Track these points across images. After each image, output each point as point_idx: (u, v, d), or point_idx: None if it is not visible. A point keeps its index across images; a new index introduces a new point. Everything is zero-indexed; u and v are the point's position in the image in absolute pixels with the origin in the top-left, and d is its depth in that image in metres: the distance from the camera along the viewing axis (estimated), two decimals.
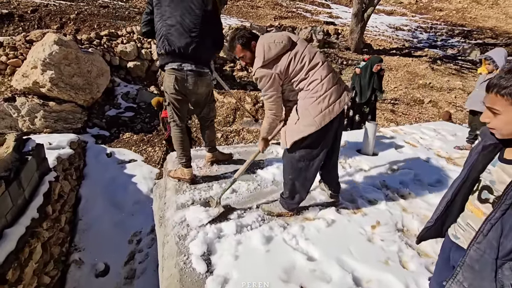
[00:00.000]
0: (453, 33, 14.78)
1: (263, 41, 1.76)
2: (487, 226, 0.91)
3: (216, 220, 2.03)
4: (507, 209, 0.87)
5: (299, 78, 1.78)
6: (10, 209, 2.81)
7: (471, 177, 1.03)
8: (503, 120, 0.86)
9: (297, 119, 1.82)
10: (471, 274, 0.97)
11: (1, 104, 4.96)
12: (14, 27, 8.28)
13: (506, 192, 0.87)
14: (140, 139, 6.00)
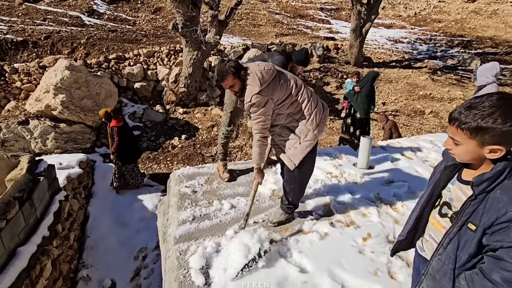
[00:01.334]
0: (452, 43, 14.96)
1: (253, 69, 1.87)
2: (447, 240, 1.02)
3: (214, 235, 2.15)
4: (463, 225, 0.98)
5: (289, 101, 1.93)
6: (22, 228, 2.98)
7: (434, 194, 1.14)
8: (462, 149, 0.97)
9: (297, 139, 1.99)
10: (433, 283, 1.06)
11: (16, 127, 5.24)
12: (28, 53, 8.76)
13: (462, 209, 0.98)
14: (146, 157, 6.19)
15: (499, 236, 0.90)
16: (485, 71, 3.13)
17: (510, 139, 0.89)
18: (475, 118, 0.89)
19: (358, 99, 4.88)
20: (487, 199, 0.93)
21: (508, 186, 0.91)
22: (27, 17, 10.82)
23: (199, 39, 6.36)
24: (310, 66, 10.43)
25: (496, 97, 0.89)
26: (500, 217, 0.89)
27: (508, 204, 0.88)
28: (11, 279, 2.56)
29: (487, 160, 0.95)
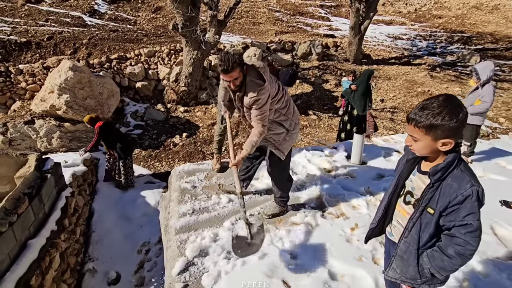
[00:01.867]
0: (452, 39, 14.96)
1: (255, 66, 1.94)
2: (410, 224, 1.17)
3: (212, 226, 2.30)
4: (423, 210, 1.13)
5: (278, 97, 2.07)
6: (32, 222, 3.14)
7: (399, 184, 1.28)
8: (421, 145, 1.11)
9: (285, 131, 2.19)
10: (401, 262, 1.21)
11: (22, 127, 5.41)
12: (32, 54, 8.93)
13: (422, 196, 1.13)
14: (148, 155, 6.36)
15: (452, 217, 1.05)
16: (485, 68, 3.21)
17: (457, 133, 1.04)
18: (428, 117, 1.03)
19: (355, 97, 5.01)
20: (442, 186, 1.08)
21: (457, 174, 1.06)
22: (30, 18, 10.98)
23: (199, 39, 6.48)
24: (309, 64, 10.53)
25: (442, 98, 1.04)
26: (452, 200, 1.04)
27: (458, 189, 1.03)
28: (23, 269, 2.72)
29: (441, 152, 1.10)
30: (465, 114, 1.03)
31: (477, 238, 1.05)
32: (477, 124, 3.37)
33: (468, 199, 1.03)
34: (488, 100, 3.21)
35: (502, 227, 2.30)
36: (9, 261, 2.66)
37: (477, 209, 1.04)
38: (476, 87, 3.33)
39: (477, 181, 1.07)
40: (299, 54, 10.57)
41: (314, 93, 9.16)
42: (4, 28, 9.71)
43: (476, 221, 1.04)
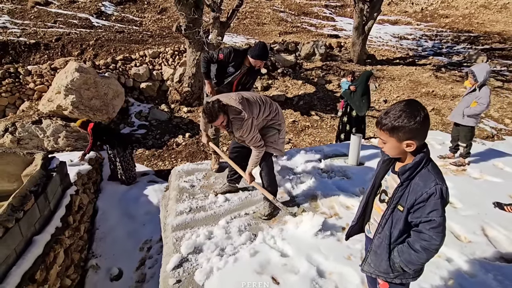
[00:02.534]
0: (459, 39, 14.78)
1: (234, 104, 2.15)
2: (383, 221, 1.23)
3: (208, 224, 2.37)
4: (394, 207, 1.19)
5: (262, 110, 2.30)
6: (38, 219, 3.27)
7: (376, 184, 1.35)
8: (388, 146, 1.19)
9: (277, 132, 2.41)
10: (375, 257, 1.27)
11: (30, 127, 5.58)
12: (40, 55, 9.15)
13: (393, 195, 1.19)
14: (152, 154, 6.48)
15: (418, 213, 1.11)
16: (482, 70, 3.23)
17: (417, 135, 1.11)
18: (390, 120, 1.11)
19: (354, 98, 5.03)
20: (411, 185, 1.14)
21: (424, 173, 1.12)
22: (39, 20, 11.23)
23: (202, 40, 6.58)
24: (312, 64, 10.54)
25: (403, 103, 1.11)
26: (418, 198, 1.10)
27: (423, 187, 1.09)
28: (28, 264, 2.84)
29: (409, 153, 1.15)
30: (423, 117, 1.09)
31: (440, 234, 1.10)
32: (472, 126, 3.38)
33: (432, 197, 1.09)
34: (485, 102, 3.23)
35: (493, 228, 2.32)
36: (15, 256, 2.78)
37: (441, 206, 1.09)
38: (474, 88, 3.35)
39: (442, 180, 1.13)
40: (302, 55, 10.59)
41: (317, 94, 9.18)
42: (14, 30, 9.96)
43: (439, 217, 1.09)
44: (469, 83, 3.46)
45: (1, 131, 5.42)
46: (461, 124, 3.42)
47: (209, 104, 2.10)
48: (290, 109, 8.47)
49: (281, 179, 3.10)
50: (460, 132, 3.48)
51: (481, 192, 2.83)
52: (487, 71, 3.24)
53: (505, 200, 2.66)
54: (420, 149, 1.15)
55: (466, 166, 3.45)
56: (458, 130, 3.53)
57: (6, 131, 5.43)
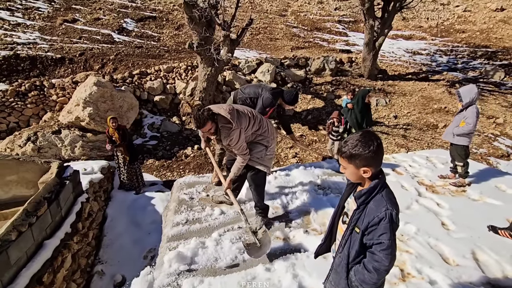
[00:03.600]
0: (475, 55, 14.50)
1: (223, 113, 2.29)
2: (343, 241, 1.31)
3: (201, 236, 2.49)
4: (352, 229, 1.28)
5: (252, 123, 2.44)
6: (49, 224, 3.50)
7: (341, 206, 1.43)
8: (348, 172, 1.29)
9: (264, 148, 2.54)
10: (336, 275, 1.35)
11: (50, 136, 5.98)
12: (65, 69, 9.80)
13: (351, 217, 1.28)
14: (161, 165, 6.72)
15: (370, 235, 1.20)
16: (468, 92, 3.30)
17: (372, 162, 1.21)
18: (348, 148, 1.21)
19: (352, 115, 5.09)
20: (366, 209, 1.22)
21: (378, 198, 1.21)
22: (66, 36, 12.06)
23: (213, 57, 6.88)
24: (322, 79, 10.66)
25: (360, 133, 1.21)
26: (371, 221, 1.19)
27: (376, 211, 1.18)
28: (37, 266, 3.05)
29: (367, 179, 1.24)
30: (376, 147, 1.18)
31: (389, 256, 1.17)
32: (465, 145, 3.42)
33: (382, 221, 1.17)
34: (471, 122, 3.29)
35: (485, 252, 2.30)
36: (26, 258, 3.00)
37: (390, 230, 1.17)
38: (461, 109, 3.42)
39: (394, 205, 1.20)
40: (312, 70, 10.75)
41: (326, 108, 9.25)
42: (43, 46, 10.75)
43: (387, 240, 1.17)
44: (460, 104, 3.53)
45: (24, 140, 5.84)
46: (453, 143, 3.47)
47: (199, 111, 2.25)
48: (298, 123, 8.57)
49: (277, 194, 3.20)
50: (454, 151, 3.52)
51: (478, 215, 2.80)
52: (474, 92, 3.34)
53: (501, 224, 2.61)
54: (377, 175, 1.24)
55: (467, 187, 3.42)
56: (453, 150, 3.55)
57: (28, 140, 5.84)
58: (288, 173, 3.68)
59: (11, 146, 5.80)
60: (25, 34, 11.23)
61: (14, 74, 8.55)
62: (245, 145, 2.38)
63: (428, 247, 2.35)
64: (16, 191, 4.18)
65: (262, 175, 2.61)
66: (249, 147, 2.47)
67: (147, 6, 16.96)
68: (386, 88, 10.52)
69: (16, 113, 6.85)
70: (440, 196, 3.21)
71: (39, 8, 13.73)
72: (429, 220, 2.72)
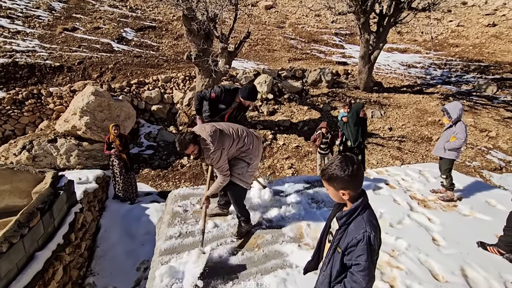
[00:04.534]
0: (468, 68, 14.82)
1: (204, 136, 2.41)
2: (327, 260, 1.35)
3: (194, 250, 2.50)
4: (335, 249, 1.31)
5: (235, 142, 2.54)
6: (41, 235, 3.48)
7: (327, 225, 1.47)
8: (330, 193, 1.35)
9: (246, 165, 2.62)
10: None
11: (45, 145, 5.97)
12: (63, 77, 9.84)
13: (334, 237, 1.32)
14: (157, 175, 6.72)
15: (349, 256, 1.23)
16: (454, 108, 3.42)
17: (349, 185, 1.26)
18: (328, 171, 1.25)
19: (347, 128, 5.17)
20: (348, 229, 1.26)
21: (358, 220, 1.25)
22: (65, 44, 12.16)
23: (210, 68, 6.97)
24: (319, 91, 10.81)
25: (339, 157, 1.26)
26: (350, 242, 1.22)
27: (355, 232, 1.22)
28: (27, 279, 3.01)
29: (347, 201, 1.29)
30: (351, 171, 1.23)
31: (366, 277, 1.21)
32: (452, 159, 3.54)
33: (360, 243, 1.21)
34: (462, 137, 3.42)
35: (473, 269, 2.33)
36: (16, 271, 2.97)
37: (367, 251, 1.20)
38: (450, 125, 3.53)
39: (373, 228, 1.24)
40: (309, 81, 10.91)
41: (322, 120, 9.34)
42: (42, 53, 10.82)
43: (364, 261, 1.20)
44: (446, 119, 3.64)
45: (19, 148, 5.83)
46: (443, 157, 3.56)
47: (182, 135, 2.36)
48: (294, 134, 8.64)
49: (270, 206, 3.22)
50: (441, 165, 3.62)
51: (467, 230, 2.84)
52: (460, 108, 3.47)
53: (490, 240, 2.65)
54: (357, 197, 1.28)
55: (458, 201, 3.47)
56: (441, 164, 3.65)
57: (23, 148, 5.83)
58: (282, 185, 3.71)
59: (6, 154, 5.78)
60: (25, 42, 11.31)
61: (12, 81, 8.57)
62: (226, 166, 2.48)
63: (419, 263, 2.37)
64: (8, 201, 4.16)
65: (241, 189, 2.68)
66: (231, 163, 2.57)
67: (147, 16, 17.21)
68: (382, 100, 10.68)
69: (12, 121, 6.85)
70: (431, 211, 3.25)
71: (40, 16, 13.88)
72: (420, 235, 2.76)
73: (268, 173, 7.14)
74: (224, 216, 3.06)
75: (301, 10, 22.25)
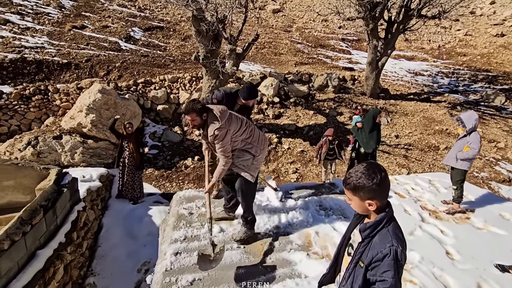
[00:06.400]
0: (476, 78, 14.69)
1: (215, 111, 2.40)
2: (347, 274, 1.26)
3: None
4: (357, 262, 1.23)
5: (242, 130, 2.51)
6: (43, 233, 3.42)
7: (347, 236, 1.39)
8: (354, 204, 1.26)
9: (251, 157, 2.58)
10: None
11: (50, 141, 5.94)
12: (70, 74, 9.87)
13: (356, 250, 1.24)
14: (160, 175, 6.66)
15: (374, 271, 1.15)
16: (470, 118, 3.35)
17: (377, 195, 1.18)
18: (352, 180, 1.18)
19: (362, 134, 5.08)
20: (372, 242, 1.18)
21: (383, 232, 1.17)
22: (73, 42, 12.22)
23: (218, 70, 6.94)
24: (325, 96, 10.74)
25: (364, 165, 1.18)
26: (374, 256, 1.14)
27: (380, 247, 1.14)
28: (28, 277, 2.95)
29: (372, 212, 1.21)
30: (379, 179, 1.15)
31: None
32: (465, 169, 3.46)
33: (386, 258, 1.13)
34: (476, 147, 3.34)
35: (491, 286, 2.23)
36: (17, 269, 2.91)
37: (394, 267, 1.12)
38: (464, 134, 3.45)
39: (399, 242, 1.16)
40: (315, 86, 10.85)
41: (328, 125, 9.26)
42: (50, 50, 10.87)
43: (391, 278, 1.12)
44: (461, 129, 3.56)
45: (24, 143, 5.80)
46: (455, 167, 3.48)
47: (192, 101, 2.39)
48: (299, 138, 8.57)
49: (277, 212, 3.14)
50: (452, 175, 3.53)
51: (482, 245, 2.74)
52: (475, 118, 3.42)
53: (506, 256, 2.55)
54: (383, 208, 1.20)
55: (470, 214, 3.37)
56: (453, 174, 3.56)
57: (28, 144, 5.80)
58: (289, 191, 3.63)
59: (11, 150, 5.76)
60: (34, 38, 11.37)
61: (20, 77, 8.59)
62: (229, 147, 2.43)
63: (433, 277, 2.28)
64: (12, 197, 4.11)
65: (250, 184, 2.61)
66: (236, 154, 2.54)
67: (155, 16, 17.29)
68: (388, 107, 10.59)
69: (19, 116, 6.84)
70: (443, 222, 3.15)
71: (49, 13, 13.98)
72: (433, 248, 2.66)
73: (272, 177, 7.06)
74: (230, 221, 2.98)
75: (308, 14, 22.27)
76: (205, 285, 2.11)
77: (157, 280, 2.23)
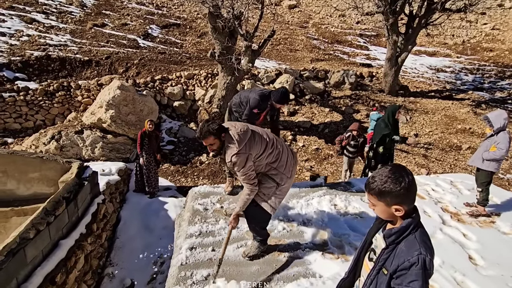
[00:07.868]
0: (503, 75, 13.94)
1: (232, 132, 2.07)
2: (368, 281, 1.22)
3: (214, 250, 2.45)
4: (380, 269, 1.19)
5: (267, 153, 2.16)
6: (66, 224, 3.57)
7: (367, 240, 1.34)
8: (379, 210, 1.20)
9: (275, 185, 2.22)
10: None
11: (72, 136, 6.17)
12: (91, 71, 10.18)
13: (379, 256, 1.19)
14: (176, 170, 6.78)
15: (399, 280, 1.10)
16: (498, 117, 3.19)
17: (405, 199, 1.12)
18: (377, 184, 1.12)
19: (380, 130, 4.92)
20: (397, 249, 1.13)
21: (410, 239, 1.11)
22: (94, 40, 12.59)
23: (233, 66, 6.95)
24: (341, 93, 10.54)
25: (389, 168, 1.13)
26: (400, 264, 1.09)
27: (407, 254, 1.08)
28: (51, 266, 3.09)
29: (399, 217, 1.16)
30: (407, 183, 1.10)
31: None
32: (491, 171, 3.27)
33: (413, 266, 1.08)
34: (504, 147, 3.16)
35: None
36: (42, 257, 3.05)
37: (422, 277, 1.07)
38: (491, 134, 3.28)
39: (428, 250, 1.11)
40: (331, 83, 10.66)
41: (343, 122, 9.10)
42: (72, 48, 11.25)
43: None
44: (489, 129, 3.39)
45: (48, 138, 6.06)
46: (481, 168, 3.31)
47: (207, 122, 2.06)
48: (314, 136, 8.46)
49: (291, 210, 3.12)
50: (478, 177, 3.36)
51: (508, 251, 2.61)
52: (504, 117, 3.23)
53: None
54: (410, 213, 1.15)
55: (495, 217, 3.22)
56: (478, 175, 3.39)
57: (52, 138, 6.05)
58: (304, 189, 3.60)
59: (36, 143, 6.03)
60: (57, 36, 11.80)
61: (44, 74, 8.95)
62: (252, 174, 2.08)
63: (454, 283, 2.20)
64: (37, 188, 4.31)
65: (263, 212, 2.22)
66: (258, 179, 2.16)
67: (172, 13, 17.50)
68: (408, 105, 10.25)
69: (43, 112, 7.15)
70: (466, 226, 3.03)
71: (72, 12, 14.45)
72: (455, 252, 2.56)
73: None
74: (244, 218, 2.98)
75: (325, 10, 21.86)
76: (220, 281, 2.13)
77: (173, 273, 2.27)
